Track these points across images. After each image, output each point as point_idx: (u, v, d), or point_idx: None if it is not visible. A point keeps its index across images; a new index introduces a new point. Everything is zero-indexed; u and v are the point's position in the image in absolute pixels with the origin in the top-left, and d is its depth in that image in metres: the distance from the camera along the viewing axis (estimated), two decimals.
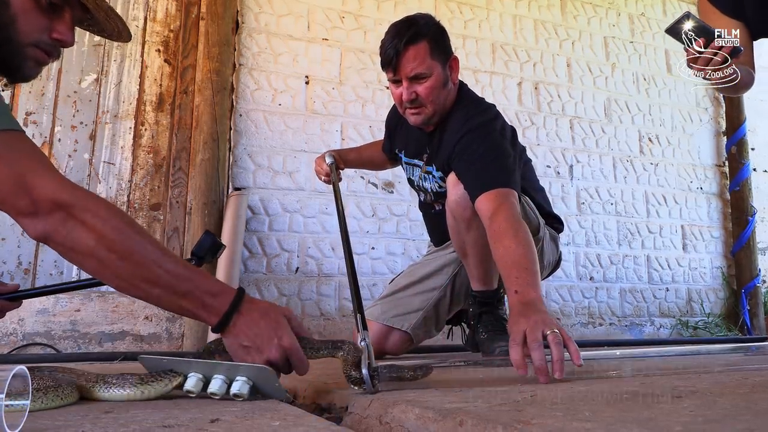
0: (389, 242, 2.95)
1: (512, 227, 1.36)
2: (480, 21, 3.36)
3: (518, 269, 1.24)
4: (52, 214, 0.86)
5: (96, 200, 0.92)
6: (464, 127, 1.67)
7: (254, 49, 2.84)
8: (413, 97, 1.67)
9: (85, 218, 0.87)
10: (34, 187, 0.86)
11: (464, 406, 0.72)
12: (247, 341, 0.92)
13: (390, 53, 1.64)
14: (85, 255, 0.88)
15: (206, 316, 0.93)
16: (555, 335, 1.01)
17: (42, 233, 0.87)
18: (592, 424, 0.57)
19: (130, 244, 0.89)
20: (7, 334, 2.30)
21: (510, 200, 1.46)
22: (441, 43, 1.70)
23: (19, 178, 0.86)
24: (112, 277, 0.91)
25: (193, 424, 0.69)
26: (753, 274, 3.71)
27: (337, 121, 2.94)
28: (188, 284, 0.91)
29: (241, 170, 2.73)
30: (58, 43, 1.02)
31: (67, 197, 0.87)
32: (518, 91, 3.39)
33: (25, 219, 0.87)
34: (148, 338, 2.47)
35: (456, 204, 1.66)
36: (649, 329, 3.48)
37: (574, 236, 3.40)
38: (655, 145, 3.74)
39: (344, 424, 0.82)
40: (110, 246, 0.88)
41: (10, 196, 0.86)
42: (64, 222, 0.86)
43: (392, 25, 1.71)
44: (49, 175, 0.88)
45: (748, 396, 0.77)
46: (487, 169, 1.55)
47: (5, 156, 0.86)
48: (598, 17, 3.73)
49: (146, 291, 0.91)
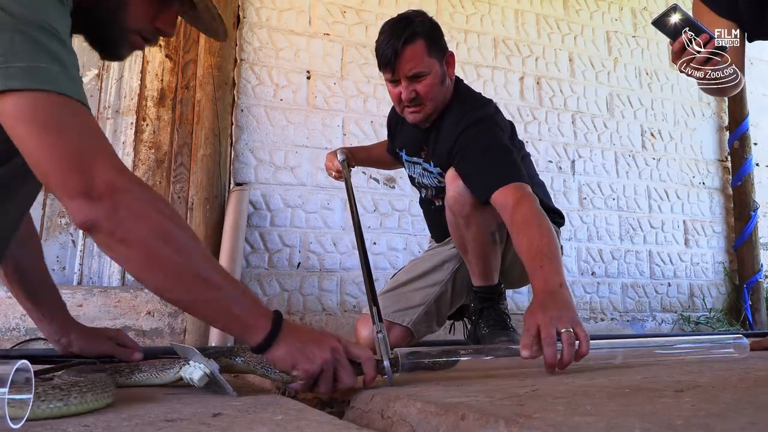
0: (391, 237, 2.94)
1: (536, 217, 1.37)
2: (482, 15, 3.35)
3: (543, 258, 1.25)
4: (104, 200, 0.78)
5: (153, 191, 0.86)
6: (462, 122, 1.66)
7: (255, 44, 2.84)
8: (413, 95, 1.67)
9: (140, 207, 0.80)
10: (91, 168, 0.78)
11: (466, 401, 0.72)
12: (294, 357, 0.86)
13: (388, 53, 1.63)
14: (137, 246, 0.80)
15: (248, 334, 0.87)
16: (569, 335, 1.02)
17: (91, 219, 0.79)
18: (593, 418, 0.57)
19: (185, 239, 0.83)
20: (10, 330, 2.31)
21: (529, 192, 1.47)
22: (437, 40, 1.69)
23: (76, 156, 0.78)
24: (158, 272, 0.82)
25: (195, 418, 0.70)
26: (755, 269, 3.70)
27: (338, 116, 2.94)
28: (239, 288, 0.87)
29: (243, 165, 2.73)
30: (158, 32, 1.02)
31: (125, 184, 0.80)
32: (520, 85, 3.38)
33: (75, 201, 0.78)
34: (151, 333, 2.47)
35: (454, 200, 1.65)
36: (650, 324, 3.48)
37: (576, 231, 3.39)
38: (658, 140, 3.73)
39: (346, 418, 0.82)
40: (166, 238, 0.81)
41: (64, 175, 0.78)
42: (117, 209, 0.79)
43: (386, 25, 1.69)
44: (111, 160, 0.81)
45: (750, 390, 0.77)
46: (497, 165, 1.55)
47: (72, 130, 0.79)
48: (601, 11, 3.71)
49: (193, 294, 0.83)
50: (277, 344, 0.86)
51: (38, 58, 0.78)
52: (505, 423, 0.58)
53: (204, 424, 0.66)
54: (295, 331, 0.88)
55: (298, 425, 0.64)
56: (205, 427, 0.63)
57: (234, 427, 0.64)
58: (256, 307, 0.87)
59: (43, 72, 0.78)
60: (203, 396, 0.90)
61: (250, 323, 0.86)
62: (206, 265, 0.84)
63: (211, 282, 0.83)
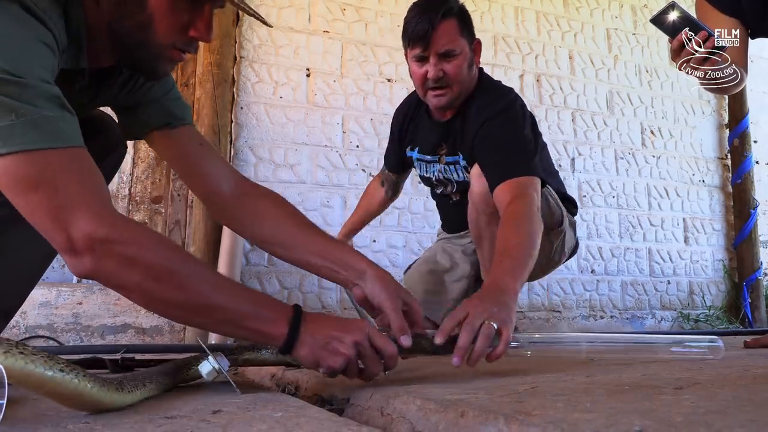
0: (390, 235, 2.94)
1: (522, 217, 1.35)
2: (482, 13, 3.35)
3: (504, 256, 1.22)
4: (90, 253, 0.78)
5: (138, 230, 0.85)
6: (486, 112, 1.64)
7: (255, 42, 2.83)
8: (440, 74, 1.61)
9: (127, 252, 0.79)
10: (70, 224, 0.77)
11: (465, 398, 0.72)
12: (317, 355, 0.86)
13: (423, 27, 1.57)
14: (133, 290, 0.81)
15: (269, 342, 0.90)
16: (489, 327, 0.95)
17: (83, 272, 0.79)
18: (592, 415, 0.57)
19: (181, 272, 0.82)
20: (10, 327, 2.31)
21: (529, 192, 1.44)
22: (469, 23, 1.66)
23: (56, 213, 0.77)
24: (165, 308, 0.85)
25: (195, 414, 0.70)
26: (755, 267, 3.71)
27: (338, 113, 2.93)
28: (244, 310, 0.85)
29: (243, 163, 2.73)
30: (194, 40, 0.96)
31: (106, 232, 0.78)
32: (520, 83, 3.37)
33: (66, 256, 0.79)
34: (150, 331, 2.48)
35: (479, 197, 1.64)
36: (650, 322, 3.48)
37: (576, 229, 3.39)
38: (657, 138, 3.73)
39: (346, 415, 0.82)
40: (159, 277, 0.80)
41: (49, 234, 0.79)
42: (105, 259, 0.78)
43: (418, 3, 1.64)
44: (88, 208, 0.78)
45: (750, 387, 0.77)
46: (507, 158, 1.53)
47: (45, 185, 0.77)
48: (601, 8, 3.71)
49: (202, 319, 0.86)
50: (299, 345, 0.86)
51: None
52: (504, 420, 0.58)
53: (204, 421, 0.66)
54: (317, 328, 0.87)
55: (298, 422, 0.64)
56: (204, 424, 0.64)
57: (234, 424, 0.64)
58: (271, 312, 0.87)
59: (3, 132, 0.75)
60: (203, 393, 0.90)
61: (266, 332, 0.86)
62: (208, 291, 0.84)
63: (216, 306, 0.84)
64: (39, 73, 0.79)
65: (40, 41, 0.81)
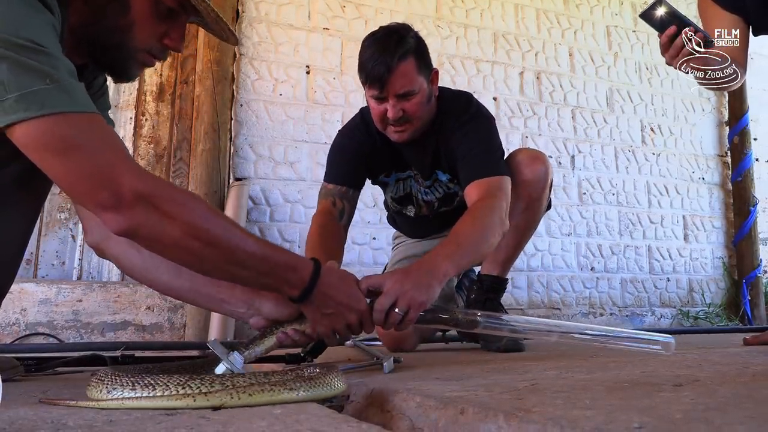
0: (390, 232, 2.93)
1: (478, 213, 1.39)
2: (482, 10, 3.34)
3: (452, 243, 1.28)
4: (135, 208, 0.83)
5: (177, 189, 0.92)
6: (457, 122, 1.66)
7: (255, 39, 2.83)
8: (400, 114, 1.58)
9: (168, 209, 0.85)
10: (115, 180, 0.82)
11: (465, 395, 0.72)
12: (328, 310, 1.01)
13: (379, 70, 1.52)
14: (171, 246, 0.88)
15: (288, 290, 0.99)
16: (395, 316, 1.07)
17: (126, 228, 0.84)
18: (592, 412, 0.57)
19: (216, 231, 0.89)
20: (10, 324, 2.31)
21: (500, 192, 1.48)
22: (425, 58, 1.62)
23: (100, 171, 0.82)
24: (199, 264, 0.93)
25: (195, 412, 0.70)
26: (754, 265, 3.71)
27: (338, 111, 2.93)
28: (270, 263, 0.95)
29: (242, 160, 2.73)
30: (167, 48, 1.03)
31: (150, 188, 0.84)
32: (520, 80, 3.37)
33: (108, 213, 0.83)
34: (150, 328, 2.48)
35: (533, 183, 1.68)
36: (649, 319, 3.49)
37: (576, 226, 3.39)
38: (657, 135, 3.72)
39: (345, 412, 0.82)
40: (197, 234, 0.87)
41: (92, 190, 0.82)
42: (148, 215, 0.83)
43: (374, 39, 1.58)
44: (130, 166, 0.84)
45: (749, 385, 0.77)
46: (478, 159, 1.57)
47: (85, 146, 0.82)
48: (601, 6, 3.70)
49: (233, 273, 0.95)
50: (308, 302, 1.00)
51: (28, 82, 0.78)
52: (504, 417, 0.58)
53: (204, 418, 0.66)
54: (329, 293, 1.01)
55: (298, 419, 0.64)
56: (204, 421, 0.64)
57: (233, 420, 0.64)
58: (290, 273, 0.97)
59: (39, 96, 0.78)
60: None
61: (284, 290, 0.99)
62: (238, 248, 0.91)
63: (245, 263, 0.93)
64: (58, 48, 0.84)
65: (51, 24, 0.86)
